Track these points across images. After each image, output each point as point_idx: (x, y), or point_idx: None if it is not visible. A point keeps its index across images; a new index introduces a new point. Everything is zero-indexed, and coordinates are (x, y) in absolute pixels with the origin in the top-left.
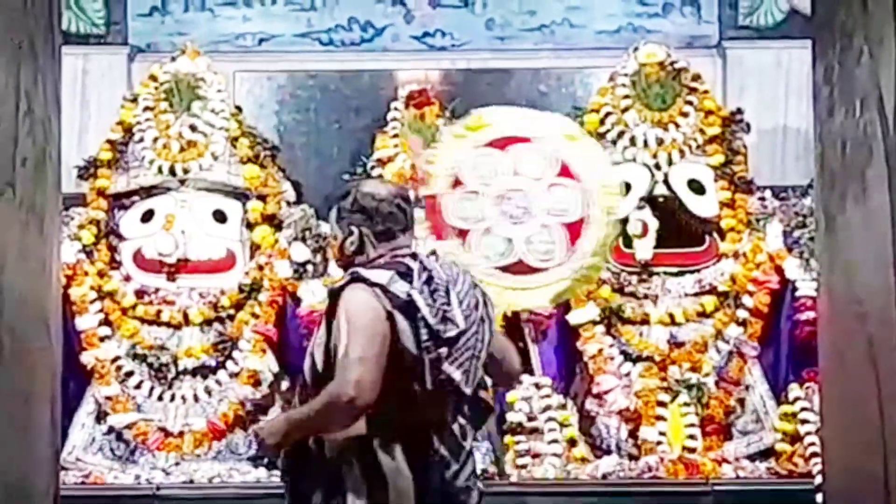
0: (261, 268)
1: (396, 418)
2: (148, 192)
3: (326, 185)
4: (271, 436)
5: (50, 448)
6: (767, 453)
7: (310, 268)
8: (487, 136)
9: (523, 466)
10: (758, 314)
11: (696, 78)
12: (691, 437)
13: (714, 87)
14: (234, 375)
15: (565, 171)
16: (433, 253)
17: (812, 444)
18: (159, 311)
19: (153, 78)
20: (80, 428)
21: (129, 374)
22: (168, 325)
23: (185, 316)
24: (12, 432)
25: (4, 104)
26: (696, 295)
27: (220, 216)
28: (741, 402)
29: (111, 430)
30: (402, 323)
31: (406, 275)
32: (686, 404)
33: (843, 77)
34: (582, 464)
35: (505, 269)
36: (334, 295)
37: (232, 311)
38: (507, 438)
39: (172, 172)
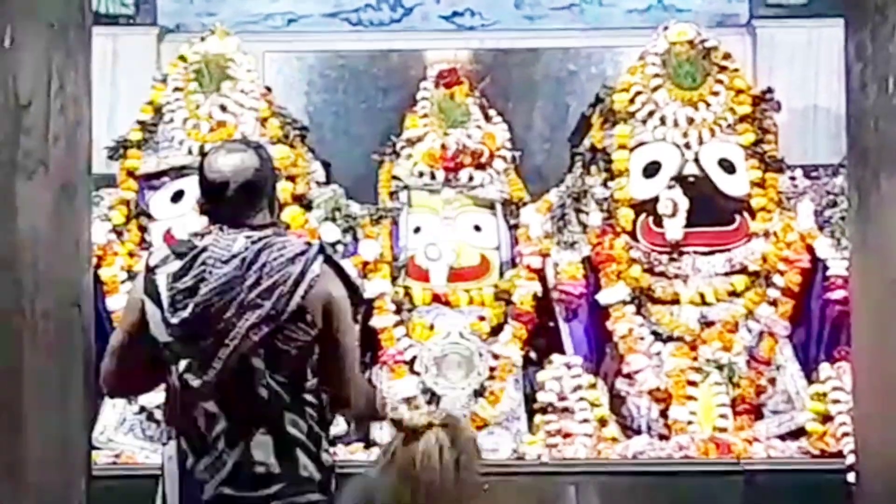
0: None
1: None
2: (178, 172)
3: (356, 165)
4: None
5: (82, 428)
6: (798, 433)
7: (340, 248)
8: None
9: (554, 446)
10: (789, 293)
11: (727, 57)
12: (722, 416)
13: (744, 66)
14: None
15: None
16: None
17: (843, 423)
18: None
19: (182, 58)
20: (111, 408)
21: None
22: None
23: None
24: (45, 413)
25: (37, 85)
26: (726, 274)
27: None
28: (772, 381)
29: (142, 410)
30: (151, 308)
31: (183, 254)
32: (717, 384)
33: (875, 54)
34: (612, 443)
35: None
36: None
37: None
38: (538, 418)
39: (202, 153)
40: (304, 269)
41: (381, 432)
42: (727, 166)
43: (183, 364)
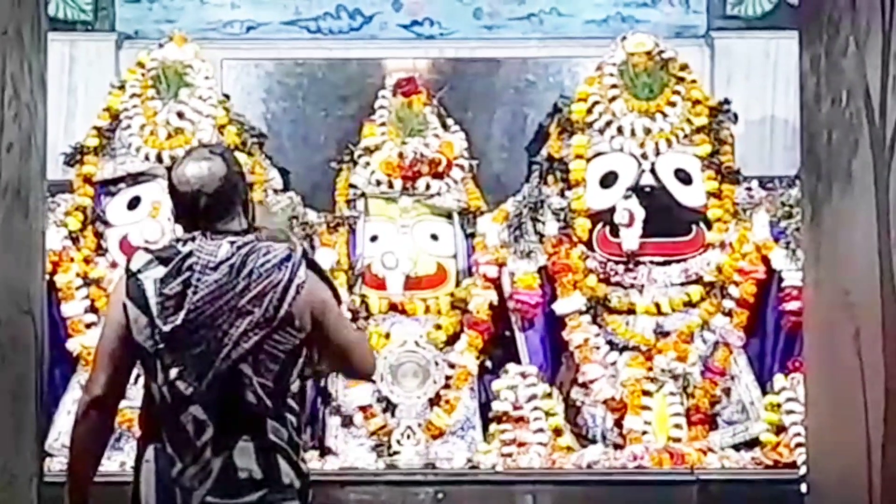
0: None
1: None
2: (135, 178)
3: (313, 172)
4: None
5: (35, 435)
6: (752, 443)
7: None
8: None
9: (509, 455)
10: (744, 304)
11: (684, 68)
12: (677, 426)
13: (702, 77)
14: None
15: None
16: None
17: (797, 434)
18: None
19: (140, 65)
20: (65, 415)
21: None
22: None
23: None
24: None
25: None
26: (682, 285)
27: None
28: (727, 392)
29: None
30: (134, 313)
31: (167, 260)
32: (672, 394)
33: (829, 67)
34: (567, 453)
35: None
36: None
37: None
38: (493, 427)
39: (159, 159)
40: (292, 275)
41: (337, 440)
42: (684, 177)
43: (174, 372)
